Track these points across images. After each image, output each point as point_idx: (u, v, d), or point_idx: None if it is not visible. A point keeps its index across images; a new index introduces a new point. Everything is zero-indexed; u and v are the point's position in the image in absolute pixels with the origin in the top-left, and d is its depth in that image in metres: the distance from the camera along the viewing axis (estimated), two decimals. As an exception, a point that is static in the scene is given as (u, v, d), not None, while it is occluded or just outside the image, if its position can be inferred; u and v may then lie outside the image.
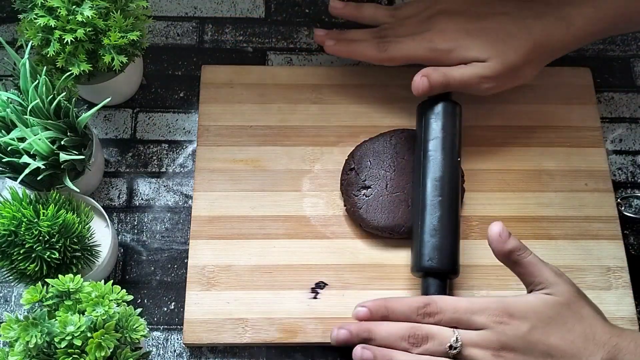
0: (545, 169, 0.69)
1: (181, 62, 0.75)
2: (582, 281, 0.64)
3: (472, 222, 0.67)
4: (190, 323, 0.62)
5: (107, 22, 0.61)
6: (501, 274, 0.64)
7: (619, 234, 0.67)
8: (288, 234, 0.66)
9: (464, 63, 0.63)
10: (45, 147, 0.58)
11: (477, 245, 0.66)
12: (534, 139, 0.70)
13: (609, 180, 0.69)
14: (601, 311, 0.55)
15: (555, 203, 0.68)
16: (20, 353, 0.48)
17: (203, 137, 0.70)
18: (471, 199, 0.67)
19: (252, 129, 0.70)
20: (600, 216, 0.67)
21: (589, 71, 0.74)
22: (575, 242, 0.66)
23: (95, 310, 0.50)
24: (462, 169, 0.67)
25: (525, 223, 0.67)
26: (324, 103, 0.72)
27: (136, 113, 0.73)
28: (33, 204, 0.57)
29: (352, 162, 0.68)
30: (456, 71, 0.63)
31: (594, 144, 0.70)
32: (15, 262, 0.56)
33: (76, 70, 0.60)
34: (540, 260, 0.55)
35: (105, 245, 0.62)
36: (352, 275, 0.64)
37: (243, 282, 0.64)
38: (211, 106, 0.71)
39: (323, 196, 0.68)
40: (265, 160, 0.69)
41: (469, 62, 0.63)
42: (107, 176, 0.70)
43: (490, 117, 0.71)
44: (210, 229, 0.66)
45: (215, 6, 0.78)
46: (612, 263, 0.65)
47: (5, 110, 0.58)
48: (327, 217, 0.67)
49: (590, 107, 0.72)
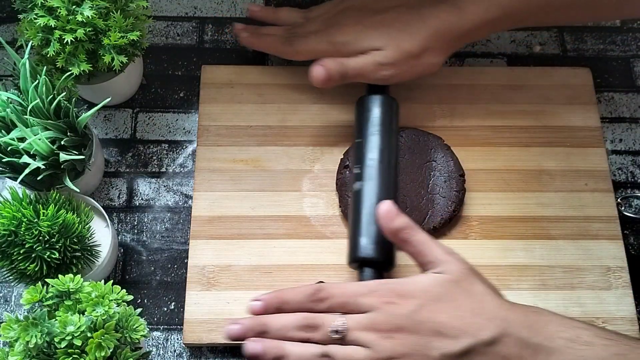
0: (546, 169, 0.69)
1: (181, 62, 0.75)
2: (582, 281, 0.65)
3: (471, 222, 0.67)
4: (190, 323, 0.62)
5: (107, 22, 0.61)
6: (501, 274, 0.65)
7: (619, 234, 0.67)
8: (288, 234, 0.66)
9: (362, 53, 0.65)
10: (45, 147, 0.58)
11: (477, 245, 0.66)
12: (534, 139, 0.70)
13: (609, 180, 0.69)
14: (495, 287, 0.54)
15: (555, 203, 0.68)
16: (20, 353, 0.48)
17: (203, 137, 0.70)
18: (471, 198, 0.67)
19: (252, 129, 0.70)
20: (600, 216, 0.67)
21: (589, 71, 0.74)
22: (575, 242, 0.66)
23: (95, 310, 0.50)
24: (463, 169, 0.67)
25: (525, 223, 0.67)
26: (324, 103, 0.72)
27: (136, 113, 0.73)
28: (33, 204, 0.57)
29: (347, 160, 0.68)
30: (353, 60, 0.65)
31: (594, 144, 0.70)
32: (15, 262, 0.56)
33: (76, 70, 0.60)
34: (431, 239, 0.54)
35: (105, 245, 0.62)
36: (352, 276, 0.64)
37: (243, 282, 0.64)
38: (211, 106, 0.71)
39: (323, 196, 0.68)
40: (265, 160, 0.69)
41: (366, 51, 0.65)
42: (107, 176, 0.70)
43: (490, 117, 0.71)
44: (210, 229, 0.66)
45: (215, 6, 0.78)
46: (612, 263, 0.65)
47: (5, 110, 0.58)
48: (327, 217, 0.67)
49: (590, 107, 0.72)
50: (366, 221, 0.60)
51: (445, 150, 0.68)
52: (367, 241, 0.59)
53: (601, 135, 0.71)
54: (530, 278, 0.65)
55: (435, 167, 0.67)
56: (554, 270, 0.65)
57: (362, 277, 0.59)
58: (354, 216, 0.62)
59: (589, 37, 0.78)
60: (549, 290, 0.64)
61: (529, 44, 0.77)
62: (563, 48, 0.77)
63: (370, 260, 0.60)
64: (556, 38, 0.78)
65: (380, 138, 0.63)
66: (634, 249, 0.68)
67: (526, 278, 0.65)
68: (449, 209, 0.65)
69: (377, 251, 0.59)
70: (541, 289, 0.64)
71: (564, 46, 0.77)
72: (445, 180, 0.66)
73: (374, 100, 0.65)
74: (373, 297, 0.52)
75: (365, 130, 0.64)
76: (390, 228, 0.55)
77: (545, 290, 0.64)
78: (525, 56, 0.77)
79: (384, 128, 0.64)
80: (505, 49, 0.77)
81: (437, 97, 0.72)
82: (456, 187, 0.66)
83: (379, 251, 0.59)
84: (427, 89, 0.72)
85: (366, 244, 0.59)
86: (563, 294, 0.64)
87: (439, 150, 0.68)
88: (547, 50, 0.77)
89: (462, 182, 0.67)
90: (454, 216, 0.66)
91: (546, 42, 0.78)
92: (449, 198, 0.66)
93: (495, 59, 0.77)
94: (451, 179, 0.66)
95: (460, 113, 0.71)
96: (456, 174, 0.67)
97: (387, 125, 0.64)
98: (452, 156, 0.68)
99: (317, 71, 0.64)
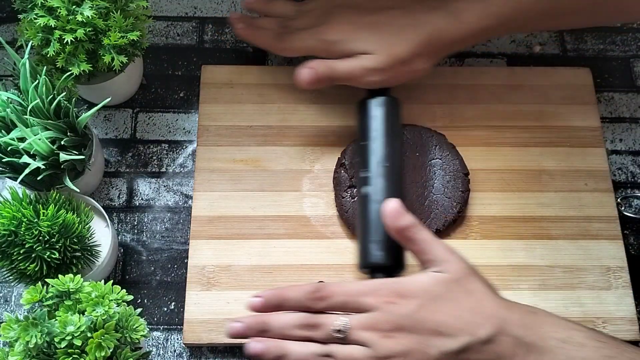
0: (546, 169, 0.69)
1: (181, 62, 0.75)
2: (582, 281, 0.65)
3: (472, 222, 0.67)
4: (190, 323, 0.62)
5: (107, 22, 0.61)
6: (501, 274, 0.65)
7: (619, 234, 0.67)
8: (288, 234, 0.66)
9: (351, 55, 0.64)
10: (45, 147, 0.58)
11: (477, 245, 0.66)
12: (534, 139, 0.70)
13: (609, 180, 0.69)
14: (494, 286, 0.54)
15: (556, 203, 0.68)
16: (20, 353, 0.48)
17: (203, 137, 0.70)
18: (471, 198, 0.67)
19: (252, 129, 0.70)
20: (600, 216, 0.67)
21: (589, 71, 0.74)
22: (575, 242, 0.66)
23: (95, 310, 0.50)
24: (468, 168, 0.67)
25: (526, 223, 0.67)
26: (324, 103, 0.72)
27: (136, 113, 0.73)
28: (33, 204, 0.57)
29: (343, 158, 0.67)
30: (341, 63, 0.64)
31: (594, 144, 0.70)
32: (15, 262, 0.56)
33: (76, 70, 0.60)
34: (434, 237, 0.54)
35: (105, 245, 0.62)
36: (352, 276, 0.64)
37: (243, 282, 0.64)
38: (211, 106, 0.71)
39: (323, 196, 0.68)
40: (266, 160, 0.69)
41: (356, 54, 0.64)
42: (107, 176, 0.70)
43: (490, 117, 0.71)
44: (210, 229, 0.66)
45: (215, 6, 0.78)
46: (612, 263, 0.65)
47: (5, 110, 0.58)
48: (327, 217, 0.67)
49: (590, 107, 0.72)
50: (375, 226, 0.60)
51: (451, 149, 0.68)
52: (377, 247, 0.59)
53: (601, 135, 0.71)
54: (530, 278, 0.65)
55: (439, 165, 0.67)
56: (554, 270, 0.65)
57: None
58: (362, 221, 0.61)
59: (589, 37, 0.78)
60: (549, 290, 0.64)
61: (529, 44, 0.77)
62: (563, 48, 0.77)
63: (382, 266, 0.60)
64: (556, 38, 0.78)
65: (385, 141, 0.63)
66: (634, 249, 0.68)
67: (526, 278, 0.65)
68: (453, 210, 0.65)
69: (387, 257, 0.59)
70: (541, 288, 0.64)
71: (564, 46, 0.77)
72: (450, 180, 0.66)
73: (376, 102, 0.65)
74: (374, 297, 0.52)
75: (369, 133, 0.64)
76: (396, 226, 0.55)
77: (545, 290, 0.64)
78: (525, 56, 0.77)
79: (389, 130, 0.64)
80: (505, 49, 0.77)
81: (437, 97, 0.72)
82: (461, 187, 0.66)
83: (389, 257, 0.59)
84: (427, 89, 0.72)
85: (376, 250, 0.59)
86: (563, 294, 0.64)
87: (444, 148, 0.68)
88: (547, 51, 0.77)
89: (467, 182, 0.66)
90: (457, 217, 0.66)
91: (546, 42, 0.78)
92: (453, 199, 0.66)
93: (495, 59, 0.77)
94: (456, 179, 0.66)
95: (461, 113, 0.71)
96: (461, 173, 0.67)
97: (391, 127, 0.64)
98: (457, 155, 0.67)
99: (304, 73, 0.64)
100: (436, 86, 0.72)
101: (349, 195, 0.66)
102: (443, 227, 0.65)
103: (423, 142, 0.68)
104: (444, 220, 0.65)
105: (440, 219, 0.65)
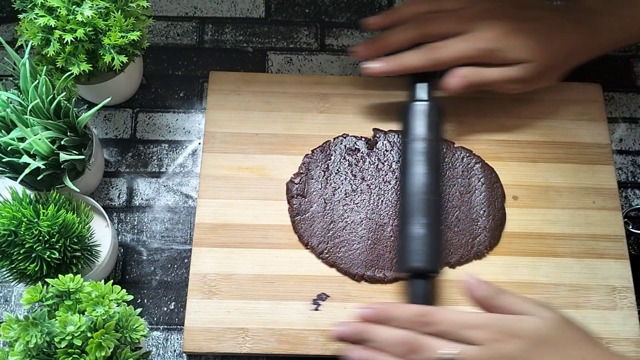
0: (553, 185, 0.68)
1: (181, 62, 0.75)
2: (587, 300, 0.64)
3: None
4: (191, 331, 0.62)
5: (107, 22, 0.61)
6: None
7: (626, 254, 0.66)
8: (291, 244, 0.65)
9: (506, 64, 0.64)
10: (45, 147, 0.58)
11: (482, 261, 0.65)
12: (542, 155, 0.70)
13: (617, 199, 0.68)
14: (593, 336, 0.55)
15: (562, 220, 0.67)
16: (20, 353, 0.48)
17: (209, 143, 0.69)
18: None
19: (258, 136, 0.70)
20: (607, 235, 0.66)
21: (599, 87, 0.73)
22: (581, 261, 0.65)
23: (95, 310, 0.50)
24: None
25: (531, 240, 0.66)
26: (330, 112, 0.71)
27: (136, 113, 0.73)
28: (33, 204, 0.57)
29: (302, 168, 0.68)
30: (493, 72, 0.64)
31: (602, 161, 0.69)
32: (15, 262, 0.56)
33: (76, 70, 0.60)
34: (517, 297, 0.55)
35: (105, 245, 0.62)
36: (354, 288, 0.64)
37: (244, 291, 0.63)
38: (218, 113, 0.70)
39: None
40: (271, 168, 0.68)
41: (511, 63, 0.64)
42: (107, 176, 0.70)
43: (498, 131, 0.71)
44: (213, 236, 0.65)
45: (215, 6, 0.78)
46: (618, 283, 0.64)
47: (5, 110, 0.58)
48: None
49: (600, 124, 0.71)
50: (417, 232, 0.61)
51: (490, 174, 0.68)
52: (418, 252, 0.61)
53: (610, 152, 0.70)
54: (534, 296, 0.63)
55: (479, 189, 0.67)
56: (558, 289, 0.64)
57: (413, 288, 0.61)
58: (402, 227, 0.63)
59: (589, 37, 0.78)
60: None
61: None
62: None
63: (422, 271, 0.61)
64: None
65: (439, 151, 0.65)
66: (634, 249, 0.68)
67: (531, 296, 0.62)
68: (495, 233, 0.66)
69: (429, 262, 0.61)
70: None
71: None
72: (490, 204, 0.67)
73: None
74: (480, 332, 0.53)
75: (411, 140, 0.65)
76: (475, 297, 0.56)
77: None
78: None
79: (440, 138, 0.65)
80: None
81: (445, 110, 0.71)
82: (499, 210, 0.67)
83: (430, 262, 0.61)
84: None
85: (417, 255, 0.61)
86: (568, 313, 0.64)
87: (484, 172, 0.68)
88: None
89: (503, 202, 0.67)
90: (495, 245, 0.66)
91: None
92: (492, 228, 0.66)
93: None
94: (496, 201, 0.67)
95: (468, 127, 0.71)
96: (500, 197, 0.67)
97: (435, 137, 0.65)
98: (497, 179, 0.68)
99: (455, 82, 0.64)
100: (444, 99, 0.71)
101: (296, 203, 0.66)
102: (483, 255, 0.66)
103: (463, 164, 0.68)
104: (485, 249, 0.66)
105: (483, 246, 0.66)
